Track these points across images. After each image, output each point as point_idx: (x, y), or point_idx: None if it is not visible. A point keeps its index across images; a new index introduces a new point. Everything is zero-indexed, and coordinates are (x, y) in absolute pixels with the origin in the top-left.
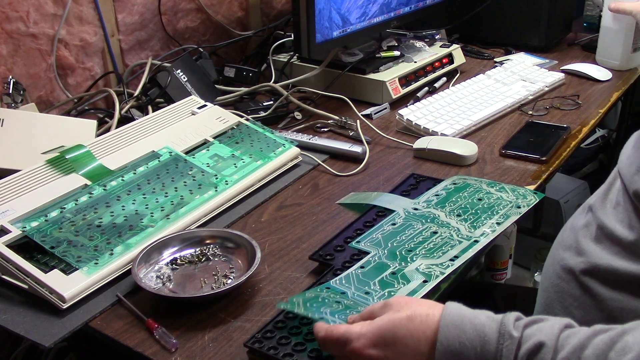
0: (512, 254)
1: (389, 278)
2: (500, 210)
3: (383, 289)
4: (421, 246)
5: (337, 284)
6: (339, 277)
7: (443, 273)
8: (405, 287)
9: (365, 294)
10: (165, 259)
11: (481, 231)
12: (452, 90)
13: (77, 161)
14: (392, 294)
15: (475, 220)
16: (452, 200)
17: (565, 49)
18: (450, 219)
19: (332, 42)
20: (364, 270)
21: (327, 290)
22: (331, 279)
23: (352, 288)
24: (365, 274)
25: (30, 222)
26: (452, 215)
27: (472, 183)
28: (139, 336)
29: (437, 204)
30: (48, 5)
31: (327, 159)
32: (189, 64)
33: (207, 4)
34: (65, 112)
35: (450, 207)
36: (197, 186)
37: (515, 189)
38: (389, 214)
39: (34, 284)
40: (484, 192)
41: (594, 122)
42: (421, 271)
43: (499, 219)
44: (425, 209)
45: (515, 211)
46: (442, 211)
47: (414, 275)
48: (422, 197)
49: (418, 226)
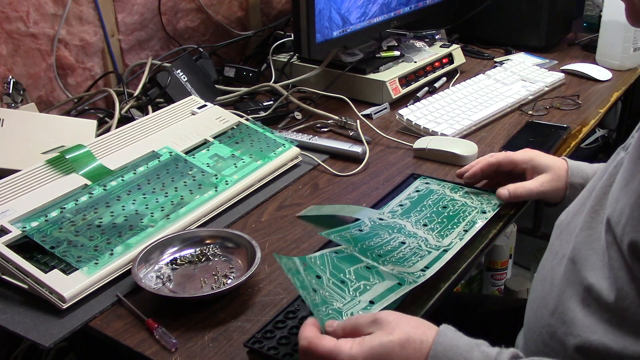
0: (512, 254)
1: (364, 271)
2: (467, 217)
3: (359, 281)
4: (390, 254)
5: (312, 262)
6: (313, 255)
7: (416, 282)
8: (381, 283)
9: (341, 282)
10: (165, 259)
11: (449, 240)
12: (452, 90)
13: (77, 161)
14: (367, 288)
15: (442, 229)
16: (417, 210)
17: (565, 49)
18: (417, 229)
19: (332, 42)
20: (337, 256)
21: (305, 268)
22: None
23: (327, 273)
24: (339, 259)
25: (30, 222)
26: (418, 225)
27: (436, 189)
28: (139, 336)
29: (402, 214)
30: (48, 5)
31: (327, 159)
32: (189, 64)
33: (207, 4)
34: (65, 112)
35: (416, 217)
36: (197, 186)
37: (479, 194)
38: (354, 222)
39: (34, 284)
40: (448, 199)
41: (594, 122)
42: (395, 274)
43: (465, 226)
44: (390, 219)
45: (481, 216)
46: (408, 221)
47: (388, 276)
48: (387, 207)
49: (385, 235)
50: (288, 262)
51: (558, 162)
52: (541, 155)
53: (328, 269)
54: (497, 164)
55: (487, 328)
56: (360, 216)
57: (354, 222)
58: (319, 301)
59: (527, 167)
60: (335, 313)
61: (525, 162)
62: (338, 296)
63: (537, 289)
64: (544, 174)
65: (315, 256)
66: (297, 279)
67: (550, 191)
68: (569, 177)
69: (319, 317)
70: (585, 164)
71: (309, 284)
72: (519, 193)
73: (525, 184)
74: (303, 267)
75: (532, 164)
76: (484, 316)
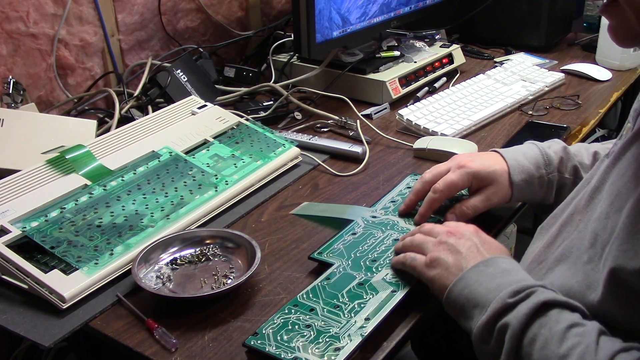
0: (512, 254)
1: (357, 289)
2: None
3: (352, 301)
4: (385, 255)
5: (304, 299)
6: (305, 291)
7: (411, 281)
8: (375, 297)
9: (334, 307)
10: (165, 259)
11: None
12: (452, 90)
13: (77, 161)
14: (362, 306)
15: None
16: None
17: (565, 49)
18: (410, 225)
19: (332, 42)
20: (330, 282)
21: (295, 310)
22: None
23: (321, 302)
24: (331, 286)
25: (30, 222)
26: (411, 221)
27: None
28: (139, 336)
29: (394, 210)
30: (48, 5)
31: (327, 159)
32: (189, 64)
33: (207, 4)
34: (65, 112)
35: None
36: (197, 186)
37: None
38: (348, 224)
39: (34, 284)
40: None
41: (594, 122)
42: (388, 281)
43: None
44: (383, 217)
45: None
46: (401, 217)
47: (381, 285)
48: (379, 204)
49: (379, 234)
50: (265, 335)
51: (498, 167)
52: (478, 168)
53: (321, 298)
54: (443, 198)
55: None
56: (353, 215)
57: (348, 226)
58: (314, 335)
59: (471, 185)
60: (332, 340)
61: (467, 181)
62: (333, 322)
63: None
64: (489, 186)
65: (308, 291)
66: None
67: (499, 201)
68: (512, 177)
69: (316, 353)
70: (520, 151)
71: (300, 326)
72: (467, 214)
73: (470, 202)
74: (295, 308)
75: (476, 181)
76: None
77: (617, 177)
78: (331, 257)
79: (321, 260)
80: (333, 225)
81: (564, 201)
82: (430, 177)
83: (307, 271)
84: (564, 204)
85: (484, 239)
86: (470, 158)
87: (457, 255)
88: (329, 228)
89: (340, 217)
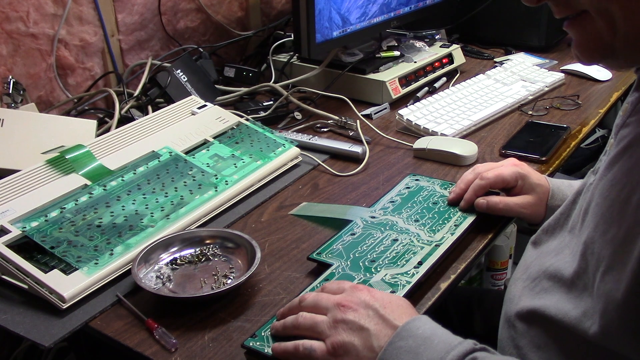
0: (512, 254)
1: None
2: (457, 212)
3: None
4: (383, 256)
5: None
6: (304, 292)
7: (409, 282)
8: None
9: None
10: (165, 259)
11: (441, 235)
12: (452, 90)
13: (77, 161)
14: None
15: (433, 224)
16: (408, 206)
17: (565, 49)
18: (409, 225)
19: (332, 42)
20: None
21: None
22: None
23: None
24: None
25: (30, 222)
26: (410, 221)
27: (426, 185)
28: (139, 336)
29: (393, 210)
30: (48, 5)
31: (327, 159)
32: (189, 64)
33: (207, 4)
34: (65, 112)
35: (407, 213)
36: (197, 186)
37: None
38: (347, 224)
39: (34, 284)
40: (438, 196)
41: (594, 122)
42: (387, 281)
43: (456, 221)
44: (382, 217)
45: (472, 212)
46: (400, 217)
47: (380, 286)
48: (378, 204)
49: (378, 235)
50: (264, 336)
51: (543, 183)
52: (530, 174)
53: None
54: (489, 185)
55: (489, 325)
56: (352, 216)
57: (347, 226)
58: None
59: (516, 185)
60: None
61: (515, 179)
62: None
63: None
64: (530, 195)
65: (307, 291)
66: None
67: (529, 214)
68: (549, 200)
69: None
70: (566, 183)
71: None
72: (498, 207)
73: (507, 200)
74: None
75: (522, 184)
76: (486, 312)
77: (600, 199)
78: (330, 257)
79: (320, 261)
80: (332, 226)
81: (554, 215)
82: (482, 169)
83: (307, 271)
84: (554, 219)
85: (381, 299)
86: (525, 164)
87: (363, 334)
88: (329, 228)
89: (339, 218)
